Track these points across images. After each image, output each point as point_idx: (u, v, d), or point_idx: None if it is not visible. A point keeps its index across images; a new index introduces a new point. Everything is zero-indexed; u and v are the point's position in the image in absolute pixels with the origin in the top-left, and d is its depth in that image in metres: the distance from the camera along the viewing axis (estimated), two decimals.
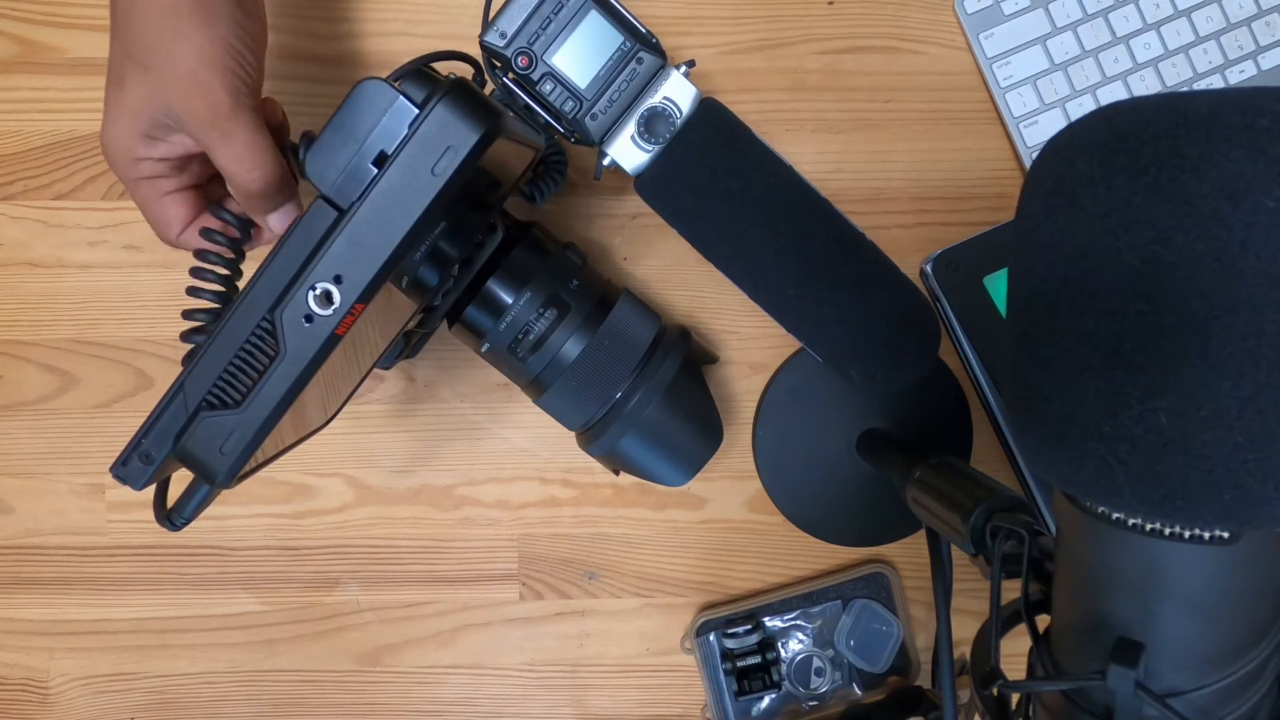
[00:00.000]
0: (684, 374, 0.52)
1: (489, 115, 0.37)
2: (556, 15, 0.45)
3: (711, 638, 0.59)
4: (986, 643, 0.35)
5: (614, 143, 0.48)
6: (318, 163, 0.37)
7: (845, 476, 0.60)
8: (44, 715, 0.63)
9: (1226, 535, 0.27)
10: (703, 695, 0.61)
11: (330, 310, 0.36)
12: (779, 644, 0.60)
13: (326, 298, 0.36)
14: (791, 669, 0.60)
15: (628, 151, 0.48)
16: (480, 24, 0.46)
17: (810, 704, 0.60)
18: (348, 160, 0.37)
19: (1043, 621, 0.34)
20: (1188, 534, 0.27)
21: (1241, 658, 0.29)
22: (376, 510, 0.61)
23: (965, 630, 0.57)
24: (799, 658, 0.60)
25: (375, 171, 0.36)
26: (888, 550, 0.61)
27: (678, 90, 0.47)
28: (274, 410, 0.37)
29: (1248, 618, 0.29)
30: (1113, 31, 0.58)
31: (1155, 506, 0.26)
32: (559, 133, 0.48)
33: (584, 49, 0.46)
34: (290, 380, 0.37)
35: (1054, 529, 0.32)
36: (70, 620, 0.62)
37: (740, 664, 0.59)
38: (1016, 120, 0.58)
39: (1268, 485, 0.25)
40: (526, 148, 0.44)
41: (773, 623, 0.60)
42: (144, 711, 0.63)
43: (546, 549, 0.62)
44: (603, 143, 0.48)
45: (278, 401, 0.37)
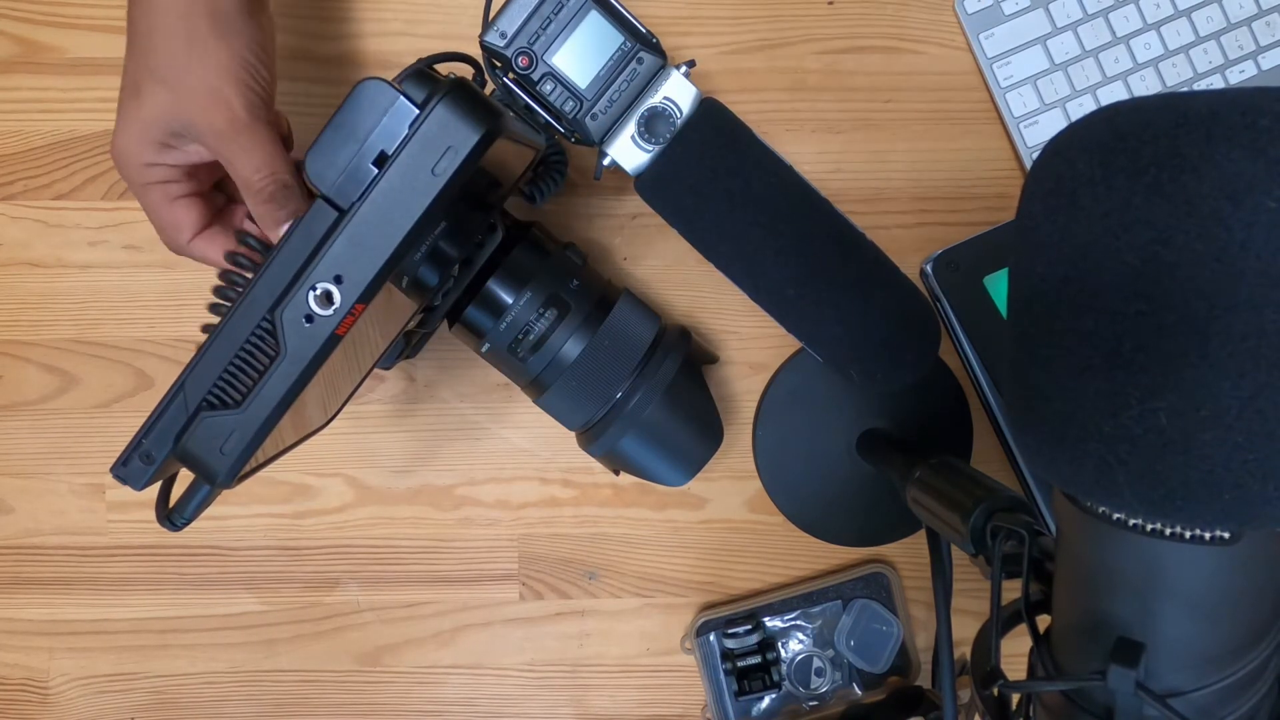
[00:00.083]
0: (684, 374, 0.52)
1: (489, 115, 0.37)
2: (556, 15, 0.45)
3: (711, 638, 0.59)
4: (986, 643, 0.35)
5: (614, 143, 0.48)
6: (318, 163, 0.37)
7: (845, 476, 0.60)
8: (44, 715, 0.63)
9: (1226, 535, 0.27)
10: (703, 695, 0.61)
11: (330, 310, 0.36)
12: (779, 644, 0.60)
13: (327, 298, 0.36)
14: (791, 669, 0.60)
15: (628, 151, 0.48)
16: (480, 24, 0.46)
17: (810, 704, 0.60)
18: (348, 160, 0.37)
19: (1043, 621, 0.34)
20: (1188, 534, 0.27)
21: (1242, 658, 0.29)
22: (376, 510, 0.61)
23: (965, 630, 0.57)
24: (799, 658, 0.60)
25: (375, 172, 0.36)
26: (888, 550, 0.61)
27: (678, 90, 0.47)
28: (274, 410, 0.37)
29: (1248, 618, 0.29)
30: (1113, 31, 0.58)
31: (1155, 506, 0.26)
32: (559, 133, 0.48)
33: (584, 49, 0.46)
34: (290, 380, 0.37)
35: (1054, 529, 0.32)
36: (70, 620, 0.62)
37: (740, 664, 0.59)
38: (1017, 120, 0.58)
39: (1268, 485, 0.25)
40: (526, 148, 0.44)
41: (773, 623, 0.60)
42: (144, 711, 0.63)
43: (546, 549, 0.62)
44: (603, 143, 0.48)
45: (278, 401, 0.37)
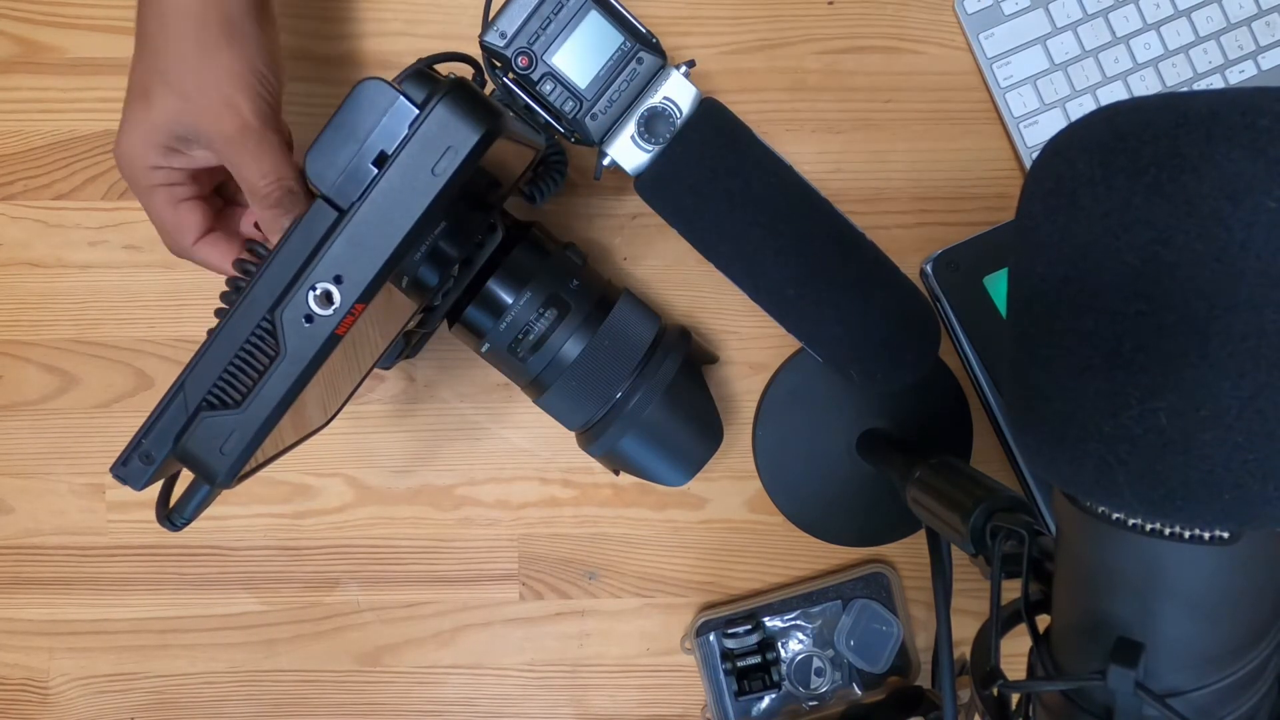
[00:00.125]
0: (684, 374, 0.52)
1: (489, 115, 0.37)
2: (556, 15, 0.45)
3: (711, 638, 0.59)
4: (986, 643, 0.35)
5: (614, 143, 0.48)
6: (318, 163, 0.37)
7: (845, 476, 0.60)
8: (44, 715, 0.63)
9: (1226, 535, 0.27)
10: (703, 695, 0.61)
11: (330, 310, 0.36)
12: (779, 644, 0.60)
13: (327, 298, 0.36)
14: (791, 669, 0.60)
15: (628, 151, 0.48)
16: (480, 24, 0.46)
17: (810, 704, 0.60)
18: (348, 160, 0.37)
19: (1043, 621, 0.34)
20: (1188, 534, 0.27)
21: (1241, 658, 0.29)
22: (376, 510, 0.61)
23: (965, 630, 0.57)
24: (799, 658, 0.60)
25: (375, 172, 0.36)
26: (888, 550, 0.61)
27: (678, 90, 0.47)
28: (274, 410, 0.37)
29: (1248, 618, 0.29)
30: (1113, 31, 0.58)
31: (1155, 506, 0.26)
32: (559, 133, 0.48)
33: (584, 49, 0.46)
34: (290, 380, 0.37)
35: (1054, 529, 0.32)
36: (70, 620, 0.62)
37: (740, 664, 0.59)
38: (1016, 120, 0.58)
39: (1268, 485, 0.25)
40: (526, 148, 0.44)
41: (773, 623, 0.60)
42: (144, 711, 0.63)
43: (546, 549, 0.62)
44: (603, 143, 0.48)
45: (278, 401, 0.37)
